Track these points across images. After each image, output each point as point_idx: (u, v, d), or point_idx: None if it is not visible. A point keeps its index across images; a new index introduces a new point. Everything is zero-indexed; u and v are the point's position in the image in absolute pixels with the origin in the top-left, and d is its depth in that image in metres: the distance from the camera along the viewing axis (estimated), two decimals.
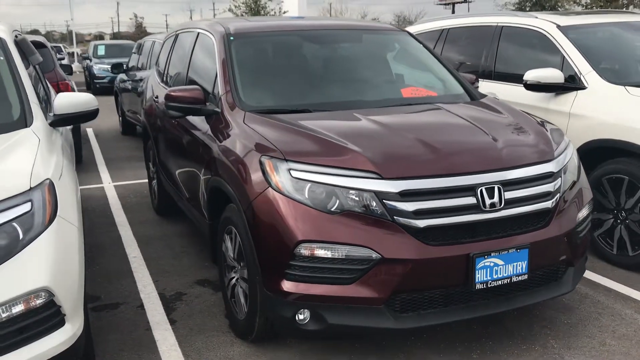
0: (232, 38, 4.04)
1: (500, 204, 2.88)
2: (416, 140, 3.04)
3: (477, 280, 2.82)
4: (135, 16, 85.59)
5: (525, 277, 2.94)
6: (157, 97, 5.37)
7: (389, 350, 3.24)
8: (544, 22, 5.12)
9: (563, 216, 3.11)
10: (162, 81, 5.47)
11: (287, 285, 2.85)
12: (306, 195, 2.82)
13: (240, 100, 3.61)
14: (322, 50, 4.22)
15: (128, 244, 5.10)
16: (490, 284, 2.86)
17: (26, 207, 2.40)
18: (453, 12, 56.09)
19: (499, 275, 2.87)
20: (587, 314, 3.65)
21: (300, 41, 4.22)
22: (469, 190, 2.86)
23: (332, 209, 2.79)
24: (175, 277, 4.36)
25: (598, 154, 4.31)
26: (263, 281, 2.95)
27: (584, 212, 3.27)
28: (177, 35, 5.43)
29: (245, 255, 3.11)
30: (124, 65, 10.77)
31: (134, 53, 10.77)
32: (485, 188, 2.87)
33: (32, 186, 2.48)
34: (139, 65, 10.17)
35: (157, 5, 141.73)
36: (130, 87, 10.21)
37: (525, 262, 2.92)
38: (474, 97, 4.04)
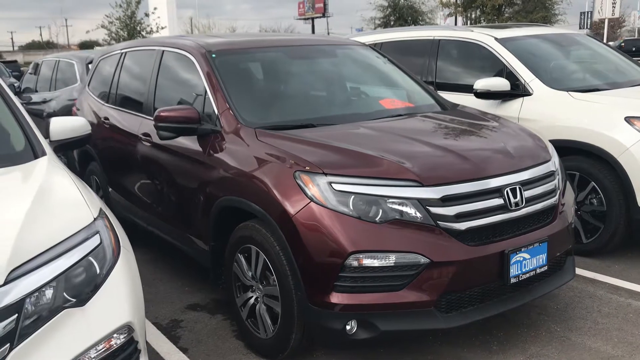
0: (214, 55, 3.98)
1: (522, 203, 3.13)
2: (441, 148, 3.21)
3: (511, 275, 3.04)
4: None
5: (546, 268, 3.21)
6: (106, 118, 5.10)
7: (417, 352, 3.37)
8: (482, 35, 5.55)
9: (564, 210, 3.43)
10: (109, 102, 5.21)
11: (336, 298, 2.88)
12: (351, 207, 2.88)
13: (242, 118, 3.57)
14: (304, 65, 4.28)
15: None
16: (520, 277, 3.09)
17: (96, 240, 2.24)
18: (313, 26, 57.83)
19: (527, 269, 3.11)
20: (569, 298, 4.01)
21: (282, 57, 4.26)
22: (497, 192, 3.08)
23: (377, 219, 2.88)
24: (161, 305, 4.18)
25: None
26: (307, 296, 2.96)
27: (573, 207, 3.62)
28: (123, 54, 5.19)
29: (278, 272, 3.09)
30: (16, 87, 9.98)
31: (30, 74, 10.01)
32: (510, 189, 3.10)
33: (95, 217, 2.32)
34: (36, 88, 9.48)
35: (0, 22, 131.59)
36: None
37: (545, 254, 3.19)
38: (444, 107, 4.30)
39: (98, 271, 2.19)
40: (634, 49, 42.28)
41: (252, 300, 3.40)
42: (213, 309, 4.05)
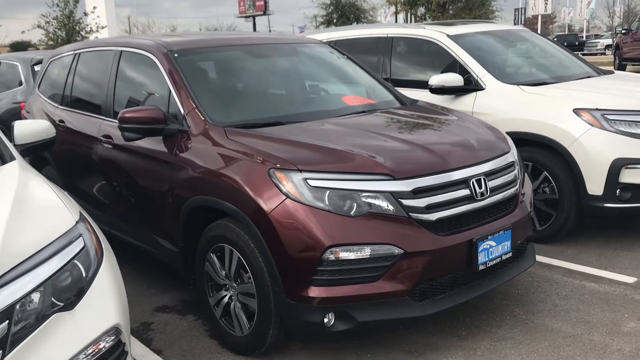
0: (176, 55, 3.96)
1: (487, 193, 3.27)
2: (408, 143, 3.31)
3: (479, 262, 3.17)
4: None
5: (510, 254, 3.36)
6: (61, 121, 4.99)
7: (390, 342, 3.46)
8: (434, 32, 5.70)
9: (524, 199, 3.60)
10: (63, 104, 5.09)
11: (314, 291, 2.94)
12: (327, 202, 2.94)
13: (209, 117, 3.57)
14: (266, 63, 4.31)
15: None
16: (488, 264, 3.23)
17: (80, 244, 2.23)
18: (254, 24, 57.69)
19: (494, 255, 3.25)
20: (528, 283, 4.20)
21: (244, 55, 4.27)
22: (463, 183, 3.20)
23: (352, 213, 2.95)
24: (129, 308, 4.10)
25: None
26: (285, 291, 3.00)
27: (531, 196, 3.80)
28: (77, 55, 5.08)
29: (253, 269, 3.11)
30: None
31: None
32: (475, 180, 3.23)
33: (76, 221, 2.30)
34: None
35: None
36: None
37: (509, 241, 3.34)
38: (404, 102, 4.42)
39: (84, 274, 2.17)
40: (565, 43, 44.03)
41: (226, 299, 3.41)
42: (183, 310, 4.03)
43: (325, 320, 2.97)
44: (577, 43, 44.52)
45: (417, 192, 3.04)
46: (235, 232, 3.19)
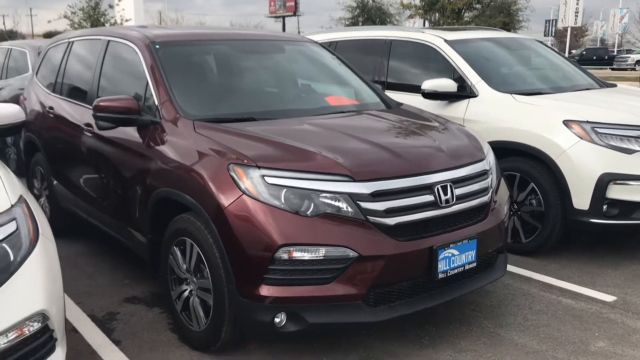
0: (157, 47, 3.95)
1: (453, 200, 3.19)
2: (375, 145, 3.25)
3: (439, 270, 3.10)
4: None
5: (474, 264, 3.28)
6: (51, 108, 5.03)
7: (349, 346, 3.40)
8: (432, 37, 5.63)
9: (496, 209, 3.51)
10: (55, 91, 5.12)
11: (265, 290, 2.90)
12: (283, 201, 2.90)
13: (182, 109, 3.56)
14: (250, 60, 4.28)
15: None
16: (448, 273, 3.15)
17: (12, 227, 2.22)
18: (283, 25, 57.81)
19: (456, 264, 3.17)
20: (503, 296, 4.10)
21: (227, 50, 4.25)
22: (428, 188, 3.13)
23: (309, 212, 2.90)
24: (98, 297, 4.13)
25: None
26: (237, 288, 2.97)
27: (507, 206, 3.71)
28: (71, 43, 5.12)
29: (211, 264, 3.09)
30: None
31: None
32: (441, 186, 3.16)
33: (12, 204, 2.29)
34: None
35: None
36: None
37: (474, 251, 3.26)
38: (389, 105, 4.35)
39: (12, 258, 2.16)
40: (594, 57, 43.37)
41: (186, 293, 3.39)
42: (150, 302, 4.02)
43: (277, 320, 2.93)
44: (606, 57, 43.88)
45: (377, 195, 2.98)
46: (196, 226, 3.17)
